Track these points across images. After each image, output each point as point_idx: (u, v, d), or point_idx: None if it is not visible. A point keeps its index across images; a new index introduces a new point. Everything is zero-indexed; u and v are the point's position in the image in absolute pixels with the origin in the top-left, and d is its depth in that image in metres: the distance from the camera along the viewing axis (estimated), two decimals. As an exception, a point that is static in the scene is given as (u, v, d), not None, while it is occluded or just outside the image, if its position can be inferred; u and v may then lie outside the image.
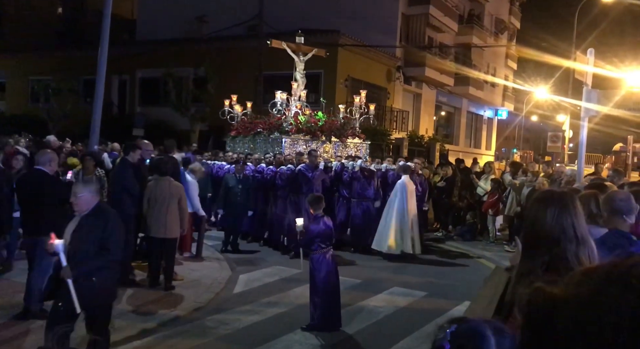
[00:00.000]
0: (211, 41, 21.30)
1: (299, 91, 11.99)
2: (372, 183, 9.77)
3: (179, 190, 7.06)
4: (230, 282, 7.35)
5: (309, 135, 11.15)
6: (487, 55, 31.25)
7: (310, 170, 9.23)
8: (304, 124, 11.13)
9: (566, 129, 23.63)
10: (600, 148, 33.12)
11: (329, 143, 11.42)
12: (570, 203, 1.92)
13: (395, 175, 9.87)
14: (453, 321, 1.15)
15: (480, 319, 1.14)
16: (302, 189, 9.12)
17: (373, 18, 21.99)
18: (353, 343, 5.40)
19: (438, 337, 1.12)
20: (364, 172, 9.74)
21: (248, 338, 5.29)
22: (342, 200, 9.97)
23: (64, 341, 3.92)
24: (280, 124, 11.28)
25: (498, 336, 1.10)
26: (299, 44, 12.26)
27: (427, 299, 6.93)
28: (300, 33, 12.45)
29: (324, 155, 11.04)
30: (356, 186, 9.72)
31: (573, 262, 1.79)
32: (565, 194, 2.05)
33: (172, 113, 19.57)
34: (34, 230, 5.49)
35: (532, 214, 1.99)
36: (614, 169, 8.60)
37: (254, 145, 11.92)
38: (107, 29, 9.28)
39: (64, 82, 22.06)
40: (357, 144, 12.05)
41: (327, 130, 11.33)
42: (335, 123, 11.65)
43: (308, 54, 12.28)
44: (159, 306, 6.10)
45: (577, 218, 1.89)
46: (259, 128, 11.68)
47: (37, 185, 5.48)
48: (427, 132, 25.32)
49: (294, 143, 11.08)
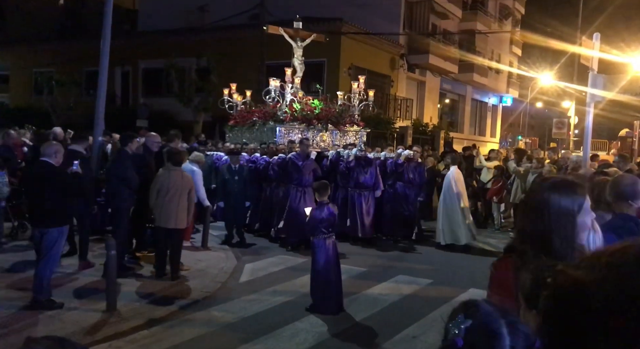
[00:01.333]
0: (213, 31, 21.20)
1: (297, 78, 11.72)
2: (370, 172, 9.48)
3: (190, 181, 7.08)
4: (236, 271, 7.39)
5: (304, 123, 10.87)
6: (492, 41, 30.96)
7: (300, 158, 9.02)
8: (299, 112, 10.87)
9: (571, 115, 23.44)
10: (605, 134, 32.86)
11: (325, 131, 11.13)
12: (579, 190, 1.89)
13: (393, 163, 9.78)
14: (467, 310, 1.12)
15: (495, 312, 1.11)
16: (292, 178, 8.97)
17: (376, 5, 21.78)
18: (358, 330, 5.43)
19: (452, 331, 1.10)
20: (360, 161, 9.48)
21: (254, 326, 5.33)
22: (340, 190, 9.73)
23: None
24: (275, 113, 11.03)
25: (513, 335, 1.08)
26: (297, 29, 11.96)
27: (432, 287, 6.95)
28: (298, 18, 12.12)
29: (320, 144, 10.82)
30: (353, 175, 9.46)
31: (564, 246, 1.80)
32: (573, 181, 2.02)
33: (175, 103, 19.54)
34: (41, 222, 5.52)
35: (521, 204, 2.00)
36: (619, 155, 8.56)
37: (250, 135, 11.71)
38: (108, 19, 9.22)
39: (67, 74, 22.06)
40: (356, 132, 11.74)
41: (324, 118, 11.02)
42: (332, 110, 11.35)
43: (306, 40, 12.01)
44: (166, 295, 6.14)
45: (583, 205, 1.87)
46: (255, 117, 11.48)
47: (43, 176, 5.50)
48: (432, 120, 25.20)
49: (288, 131, 10.80)
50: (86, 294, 6.00)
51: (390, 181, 9.86)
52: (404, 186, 9.76)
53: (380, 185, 9.61)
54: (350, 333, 5.35)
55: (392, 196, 9.81)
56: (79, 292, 6.07)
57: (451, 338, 1.09)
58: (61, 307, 5.45)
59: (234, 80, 13.29)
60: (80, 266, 6.92)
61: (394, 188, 9.83)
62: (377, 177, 9.59)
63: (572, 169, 8.50)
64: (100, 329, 5.03)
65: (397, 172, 9.78)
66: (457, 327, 1.09)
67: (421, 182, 10.04)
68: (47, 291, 5.47)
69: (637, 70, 11.04)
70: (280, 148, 9.84)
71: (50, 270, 5.53)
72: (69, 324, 5.09)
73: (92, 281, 6.43)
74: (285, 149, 9.71)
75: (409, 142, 18.43)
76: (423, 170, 10.23)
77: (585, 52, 8.95)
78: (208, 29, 21.89)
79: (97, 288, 6.05)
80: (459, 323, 1.10)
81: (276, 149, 9.96)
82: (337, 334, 5.26)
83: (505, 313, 1.12)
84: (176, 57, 19.25)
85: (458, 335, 1.08)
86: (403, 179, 9.76)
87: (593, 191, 3.42)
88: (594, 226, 2.12)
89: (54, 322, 5.12)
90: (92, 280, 6.47)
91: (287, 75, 11.33)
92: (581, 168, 7.45)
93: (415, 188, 9.82)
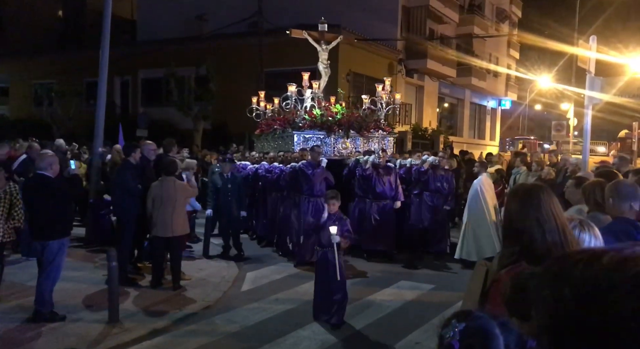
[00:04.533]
0: (212, 39, 21.30)
1: (322, 82, 10.99)
2: (389, 181, 8.74)
3: (185, 189, 7.10)
4: (237, 280, 7.38)
5: (324, 129, 9.97)
6: (489, 44, 31.07)
7: (310, 167, 8.42)
8: (319, 118, 10.00)
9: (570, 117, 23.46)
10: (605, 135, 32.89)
11: (347, 138, 10.12)
12: (534, 196, 1.99)
13: (417, 172, 9.08)
14: (460, 317, 1.15)
15: (487, 316, 1.15)
16: (302, 188, 8.41)
17: (374, 11, 21.89)
18: (362, 337, 5.41)
19: (447, 335, 1.12)
20: (378, 169, 8.75)
21: (257, 335, 5.32)
22: (358, 200, 8.98)
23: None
24: (293, 120, 10.26)
25: (506, 334, 1.11)
26: (322, 32, 11.21)
27: (435, 292, 6.94)
28: (323, 20, 11.38)
29: (342, 152, 9.98)
30: (370, 184, 8.72)
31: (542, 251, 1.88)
32: (530, 187, 2.14)
33: (175, 112, 19.60)
34: (42, 234, 5.52)
35: (505, 207, 2.11)
36: (619, 156, 8.56)
37: (273, 143, 11.03)
38: (107, 30, 9.29)
39: (66, 84, 22.15)
40: (381, 137, 10.51)
41: (346, 124, 10.09)
42: (356, 115, 10.35)
43: (332, 43, 11.26)
44: (168, 306, 6.13)
45: (541, 209, 1.95)
46: (276, 125, 10.74)
47: (41, 190, 5.49)
48: (431, 124, 25.25)
49: (307, 139, 9.89)
50: (88, 305, 6.00)
51: (416, 191, 9.13)
52: (431, 196, 9.03)
53: (400, 195, 8.87)
54: (353, 340, 5.33)
55: (418, 208, 9.07)
56: (81, 304, 6.06)
57: (447, 342, 1.11)
58: (63, 319, 5.44)
59: (233, 89, 13.24)
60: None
61: (420, 198, 9.09)
62: (397, 187, 8.86)
63: (571, 172, 8.49)
64: (103, 341, 5.02)
65: (421, 180, 9.06)
66: (451, 331, 1.12)
67: (450, 191, 9.20)
68: (49, 303, 5.46)
69: (635, 72, 11.07)
70: (293, 157, 9.30)
71: (52, 282, 5.52)
72: (72, 336, 5.08)
73: (94, 293, 6.43)
74: (297, 157, 9.11)
75: (409, 146, 18.44)
76: (451, 178, 9.37)
77: (583, 53, 8.98)
78: (206, 37, 22.00)
79: (100, 299, 6.05)
80: (454, 327, 1.13)
81: (289, 158, 9.40)
82: (340, 341, 5.25)
83: (496, 316, 1.16)
84: (175, 66, 19.33)
85: (453, 338, 1.10)
86: (429, 188, 9.02)
87: (591, 193, 3.44)
88: (595, 233, 2.13)
89: (56, 335, 5.11)
90: (95, 291, 6.47)
91: (305, 80, 10.55)
92: (580, 171, 7.44)
93: (443, 197, 9.09)
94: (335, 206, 5.78)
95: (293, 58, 17.28)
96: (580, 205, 4.17)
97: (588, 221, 2.20)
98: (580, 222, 2.15)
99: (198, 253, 8.74)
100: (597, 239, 2.14)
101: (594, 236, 2.12)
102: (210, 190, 9.10)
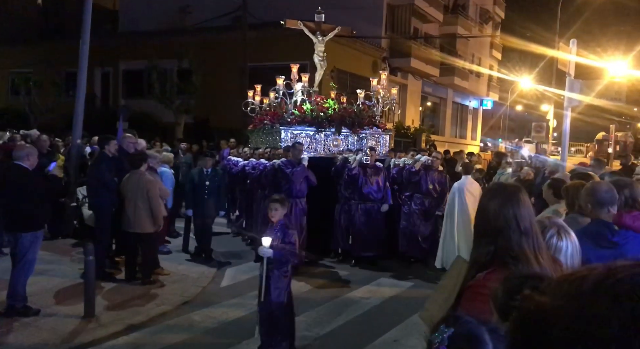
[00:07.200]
0: (195, 33, 21.04)
1: (318, 76, 10.58)
2: (376, 182, 8.29)
3: (150, 183, 6.73)
4: (217, 276, 7.33)
5: (313, 125, 9.47)
6: (472, 45, 31.34)
7: (290, 165, 7.90)
8: (309, 114, 9.55)
9: (550, 119, 23.85)
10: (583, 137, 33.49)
11: (338, 134, 9.63)
12: (513, 196, 1.98)
13: (408, 172, 8.58)
14: (448, 322, 1.13)
15: (477, 322, 1.13)
16: (282, 187, 7.80)
17: (358, 9, 21.87)
18: (341, 334, 5.42)
19: (435, 340, 1.11)
20: (365, 169, 8.32)
21: (236, 331, 5.29)
22: (343, 202, 8.52)
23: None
24: (282, 115, 9.80)
25: (495, 340, 1.09)
26: (318, 22, 10.60)
27: (414, 290, 6.99)
28: (320, 10, 10.81)
29: (333, 149, 9.48)
30: (356, 185, 8.26)
31: (517, 252, 1.87)
32: (509, 186, 2.12)
33: (157, 105, 19.34)
34: (15, 226, 5.40)
35: (480, 206, 2.07)
36: (595, 158, 8.72)
37: (264, 139, 10.60)
38: (88, 19, 9.11)
39: (45, 74, 21.67)
40: (376, 135, 9.97)
41: (337, 119, 9.56)
42: (350, 111, 9.74)
43: (329, 34, 10.76)
44: (146, 301, 6.06)
45: (520, 210, 1.94)
46: (266, 120, 10.31)
47: (15, 181, 5.37)
48: (413, 123, 25.39)
49: (295, 136, 9.39)
50: (64, 300, 5.89)
51: (408, 193, 8.63)
52: (422, 199, 8.49)
53: (388, 198, 8.42)
54: (332, 337, 5.34)
55: (408, 211, 8.54)
56: (56, 298, 5.96)
57: (435, 347, 1.10)
58: (37, 314, 5.34)
59: (216, 83, 13.07)
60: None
61: (411, 200, 8.56)
62: (386, 189, 8.38)
63: (549, 172, 8.62)
64: (78, 336, 4.94)
65: (412, 181, 8.51)
66: (440, 336, 1.10)
67: (442, 194, 8.59)
68: (22, 297, 5.35)
69: (612, 75, 11.27)
70: (277, 154, 8.81)
71: (26, 275, 5.41)
72: (45, 331, 4.99)
73: (70, 286, 6.32)
74: (282, 155, 8.52)
75: (391, 145, 18.46)
76: (445, 180, 8.75)
77: (563, 56, 9.12)
78: (190, 30, 21.73)
79: (75, 293, 5.94)
80: (442, 332, 1.11)
81: (274, 155, 8.93)
82: (319, 338, 5.25)
83: (485, 321, 1.14)
84: (157, 59, 19.06)
85: (442, 343, 1.09)
86: (421, 190, 8.47)
87: (574, 196, 3.48)
88: (570, 237, 2.15)
89: (29, 329, 5.01)
90: (70, 285, 6.36)
91: (293, 73, 9.99)
92: (558, 172, 7.56)
93: (436, 200, 8.56)
94: (277, 212, 4.63)
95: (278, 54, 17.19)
96: (556, 205, 4.23)
97: (565, 227, 2.20)
98: (558, 230, 2.14)
99: (177, 248, 8.66)
100: (574, 244, 2.16)
101: (570, 242, 2.15)
102: (188, 187, 8.37)
